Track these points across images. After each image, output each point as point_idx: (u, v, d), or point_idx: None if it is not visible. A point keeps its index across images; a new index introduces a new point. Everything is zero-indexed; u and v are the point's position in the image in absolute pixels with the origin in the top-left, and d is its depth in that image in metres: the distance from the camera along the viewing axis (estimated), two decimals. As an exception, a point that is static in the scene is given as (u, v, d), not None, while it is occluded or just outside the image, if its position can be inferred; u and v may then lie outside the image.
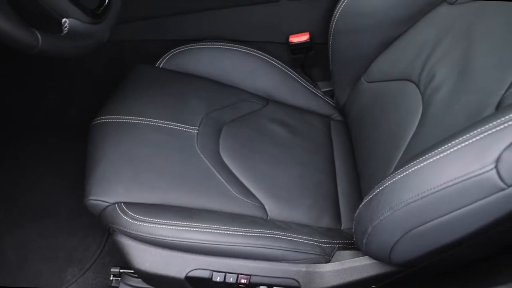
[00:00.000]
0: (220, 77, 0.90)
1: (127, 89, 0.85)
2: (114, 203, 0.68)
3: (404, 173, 0.50)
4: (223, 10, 0.91)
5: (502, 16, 0.61)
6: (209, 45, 0.91)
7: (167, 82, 0.87)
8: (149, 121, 0.78)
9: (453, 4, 0.70)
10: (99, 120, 0.79)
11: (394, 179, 0.51)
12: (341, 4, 0.80)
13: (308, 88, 0.95)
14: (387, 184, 0.52)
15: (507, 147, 0.42)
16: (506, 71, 0.56)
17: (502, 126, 0.43)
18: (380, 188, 0.53)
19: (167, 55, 0.90)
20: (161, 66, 0.90)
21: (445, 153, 0.47)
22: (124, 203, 0.68)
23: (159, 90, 0.85)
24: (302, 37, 0.94)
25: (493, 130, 0.44)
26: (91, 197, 0.69)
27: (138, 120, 0.78)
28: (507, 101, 0.52)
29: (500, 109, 0.51)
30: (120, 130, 0.76)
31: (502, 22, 0.60)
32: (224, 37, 0.94)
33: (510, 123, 0.43)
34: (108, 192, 0.69)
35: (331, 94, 0.97)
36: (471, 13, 0.66)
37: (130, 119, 0.78)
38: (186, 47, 0.91)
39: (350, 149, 0.88)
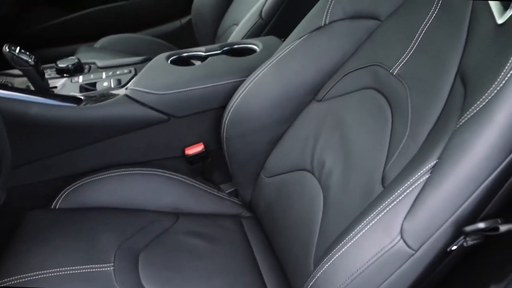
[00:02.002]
0: (124, 204, 0.88)
1: (22, 241, 0.77)
2: None
3: (331, 261, 0.55)
4: (114, 138, 0.92)
5: (362, 106, 0.75)
6: (106, 174, 0.90)
7: (67, 223, 0.81)
8: (57, 271, 0.71)
9: (320, 101, 0.83)
10: (-5, 286, 0.69)
11: (323, 269, 0.55)
12: (228, 114, 0.88)
13: (213, 193, 0.98)
14: (318, 275, 0.56)
15: (404, 218, 0.51)
16: (379, 150, 0.67)
17: (394, 202, 0.52)
18: (314, 280, 0.56)
19: (62, 194, 0.86)
20: (57, 207, 0.85)
21: (358, 236, 0.53)
22: None
23: (61, 233, 0.79)
24: (197, 148, 0.99)
25: (389, 207, 0.52)
26: None
27: (43, 274, 0.70)
28: (388, 177, 0.62)
29: (386, 186, 0.60)
30: (23, 292, 0.68)
31: (364, 110, 0.74)
32: (120, 163, 0.93)
33: (399, 199, 0.52)
34: None
35: (235, 193, 1.01)
36: (338, 106, 0.79)
37: (33, 276, 0.70)
38: (81, 181, 0.88)
39: (267, 243, 0.91)
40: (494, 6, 0.55)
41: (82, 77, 0.97)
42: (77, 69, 0.99)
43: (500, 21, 0.53)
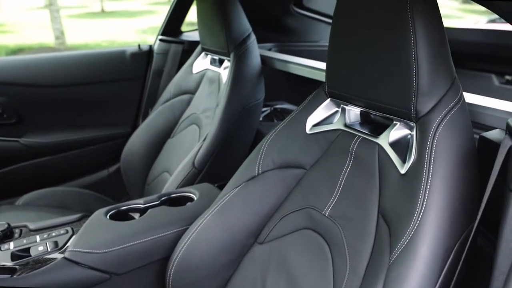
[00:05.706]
0: None
1: None
2: None
3: None
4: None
5: (302, 245, 0.82)
6: None
7: None
8: None
9: (262, 243, 0.89)
10: None
11: None
12: (172, 265, 0.89)
13: None
14: None
15: None
16: (325, 287, 0.73)
17: None
18: None
19: None
20: None
21: None
22: None
23: None
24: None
25: None
26: None
27: None
28: (340, 312, 0.68)
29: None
30: None
31: (304, 250, 0.81)
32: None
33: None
34: None
35: None
36: (279, 247, 0.86)
37: None
38: None
39: None
40: (395, 160, 0.70)
41: (13, 243, 0.92)
42: (7, 235, 0.95)
43: (402, 171, 0.68)
